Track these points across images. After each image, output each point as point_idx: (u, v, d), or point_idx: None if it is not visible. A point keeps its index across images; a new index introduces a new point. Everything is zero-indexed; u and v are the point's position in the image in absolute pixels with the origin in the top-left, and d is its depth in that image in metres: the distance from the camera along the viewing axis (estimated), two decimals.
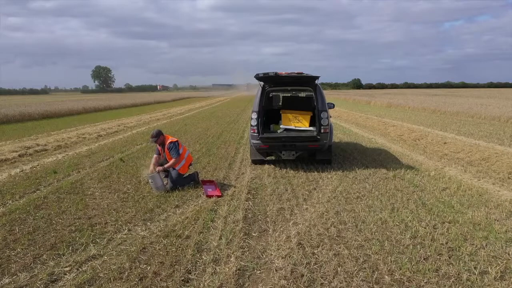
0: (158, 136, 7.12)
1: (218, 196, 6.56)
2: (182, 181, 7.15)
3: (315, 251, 4.35)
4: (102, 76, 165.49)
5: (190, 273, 3.89)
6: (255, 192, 6.85)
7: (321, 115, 8.53)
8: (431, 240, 4.60)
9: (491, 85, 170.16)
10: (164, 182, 6.97)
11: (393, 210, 5.72)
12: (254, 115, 8.68)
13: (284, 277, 3.77)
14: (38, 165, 9.19)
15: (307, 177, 7.91)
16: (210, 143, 12.59)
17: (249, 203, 6.19)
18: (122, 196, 6.63)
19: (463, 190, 6.77)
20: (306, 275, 3.78)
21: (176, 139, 7.30)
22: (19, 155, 10.18)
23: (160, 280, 3.75)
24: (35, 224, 5.23)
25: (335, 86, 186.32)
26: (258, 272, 3.93)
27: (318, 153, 8.83)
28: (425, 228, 4.99)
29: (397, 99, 40.71)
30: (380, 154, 10.66)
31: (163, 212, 5.78)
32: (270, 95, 10.21)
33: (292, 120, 9.12)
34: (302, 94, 10.56)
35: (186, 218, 5.48)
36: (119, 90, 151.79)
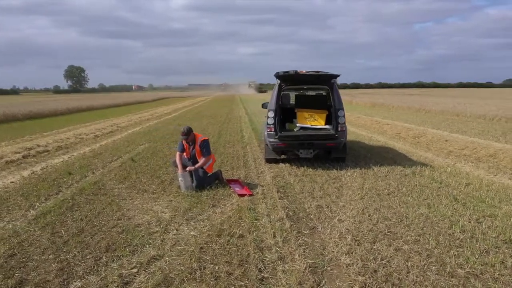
0: (189, 134, 7.01)
1: (250, 195, 6.52)
2: (208, 180, 7.07)
3: (375, 247, 4.38)
4: (75, 76, 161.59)
5: (262, 272, 3.86)
6: (284, 191, 6.84)
7: (338, 113, 8.60)
8: (482, 233, 4.72)
9: (460, 85, 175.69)
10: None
11: (429, 206, 5.82)
12: (271, 114, 8.66)
13: (359, 273, 3.78)
14: (47, 166, 8.90)
15: (328, 175, 7.95)
16: (214, 143, 12.46)
17: (283, 201, 6.18)
18: (152, 196, 6.50)
19: (486, 185, 6.96)
20: (379, 271, 3.81)
21: (207, 137, 7.21)
22: (23, 156, 9.83)
23: (235, 279, 3.70)
24: (77, 226, 5.07)
25: None
26: (329, 268, 3.93)
27: (333, 151, 8.89)
28: (469, 222, 5.10)
29: (377, 98, 41.49)
30: (387, 151, 10.83)
31: (202, 211, 5.69)
32: (281, 94, 10.22)
33: (308, 119, 9.16)
34: (312, 93, 10.61)
35: (228, 217, 5.43)
36: (93, 90, 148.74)
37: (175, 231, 4.93)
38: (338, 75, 8.40)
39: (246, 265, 3.97)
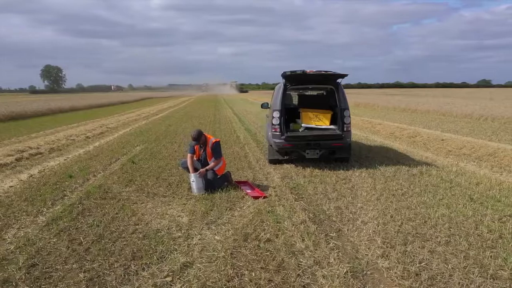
0: (200, 138, 6.81)
1: (264, 197, 6.38)
2: (218, 182, 6.89)
3: (408, 249, 4.31)
4: (53, 75, 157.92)
5: (301, 277, 3.72)
6: (297, 192, 6.72)
7: (344, 113, 8.55)
8: (510, 233, 4.70)
9: (437, 85, 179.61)
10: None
11: (448, 206, 5.79)
12: (276, 114, 8.55)
13: (401, 277, 3.70)
14: (44, 170, 8.54)
15: (336, 175, 7.87)
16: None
17: (300, 203, 6.07)
18: (163, 199, 6.29)
19: (497, 185, 7.00)
20: (421, 274, 3.73)
21: (218, 139, 7.03)
22: (16, 159, 9.43)
23: (277, 286, 3.56)
24: (95, 232, 4.83)
25: None
26: (368, 272, 3.83)
27: (338, 151, 8.82)
28: (493, 222, 5.09)
29: (359, 98, 41.89)
30: (387, 151, 10.86)
31: (221, 215, 5.52)
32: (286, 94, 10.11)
33: (313, 119, 9.07)
34: (314, 92, 10.53)
35: (249, 220, 5.27)
36: (71, 91, 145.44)
37: (199, 236, 4.75)
38: (346, 75, 8.34)
39: (283, 271, 3.83)
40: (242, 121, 20.25)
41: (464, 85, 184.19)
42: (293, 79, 8.60)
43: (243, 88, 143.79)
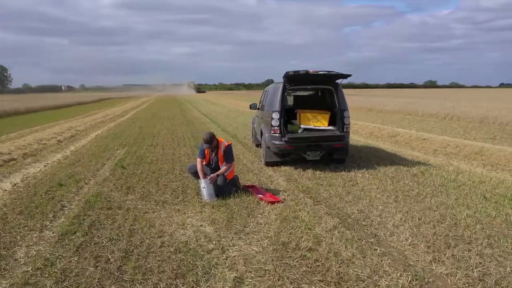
0: (213, 141, 6.44)
1: (279, 202, 6.14)
2: (228, 188, 6.57)
3: (455, 253, 4.22)
4: None
5: None
6: (310, 196, 6.53)
7: (344, 114, 8.48)
8: None
9: (388, 86, 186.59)
10: None
11: (468, 206, 5.81)
12: (276, 115, 8.32)
13: (467, 283, 3.58)
14: (27, 178, 7.80)
15: (340, 177, 7.76)
16: (196, 147, 11.83)
17: (321, 207, 5.88)
18: (175, 207, 5.87)
19: (499, 183, 7.16)
20: (485, 279, 3.64)
21: (230, 142, 6.69)
22: None
23: None
24: (119, 247, 4.37)
25: (249, 87, 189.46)
26: (431, 280, 3.68)
27: (337, 152, 8.73)
28: None
29: None
30: (377, 151, 10.94)
31: (246, 223, 5.20)
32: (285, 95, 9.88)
33: (312, 120, 8.92)
34: (305, 93, 10.39)
35: (278, 227, 5.01)
36: (18, 91, 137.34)
37: (234, 247, 4.43)
38: (349, 75, 8.26)
39: (343, 283, 3.61)
40: (216, 122, 19.84)
41: (412, 86, 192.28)
42: (295, 79, 8.40)
43: (200, 89, 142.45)
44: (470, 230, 4.85)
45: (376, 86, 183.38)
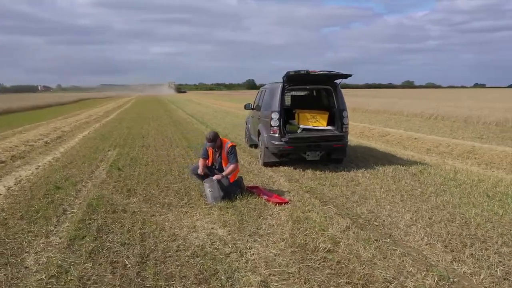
0: (216, 140, 6.33)
1: (286, 203, 6.08)
2: (233, 189, 6.47)
3: (473, 252, 4.24)
4: None
5: None
6: (316, 196, 6.49)
7: (343, 114, 8.49)
8: None
9: (367, 86, 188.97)
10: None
11: (474, 204, 5.88)
12: (275, 115, 8.27)
13: (493, 282, 3.59)
14: (21, 181, 7.52)
15: (342, 177, 7.76)
16: (191, 148, 11.68)
17: (329, 207, 5.84)
18: (182, 210, 5.75)
19: (498, 181, 7.28)
20: (509, 278, 3.66)
21: (235, 143, 6.59)
22: None
23: None
24: (133, 252, 4.23)
25: (230, 87, 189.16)
26: (456, 279, 3.68)
27: (335, 152, 8.73)
28: None
29: None
30: (371, 151, 11.01)
31: (258, 225, 5.12)
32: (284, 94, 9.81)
33: (310, 120, 8.89)
34: (301, 93, 10.36)
35: (291, 229, 4.95)
36: None
37: (251, 250, 4.35)
38: (349, 75, 8.27)
39: (371, 285, 3.57)
40: (204, 123, 19.64)
41: (390, 86, 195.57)
42: (295, 79, 8.36)
43: (181, 89, 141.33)
44: (482, 229, 4.89)
45: (356, 87, 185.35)
